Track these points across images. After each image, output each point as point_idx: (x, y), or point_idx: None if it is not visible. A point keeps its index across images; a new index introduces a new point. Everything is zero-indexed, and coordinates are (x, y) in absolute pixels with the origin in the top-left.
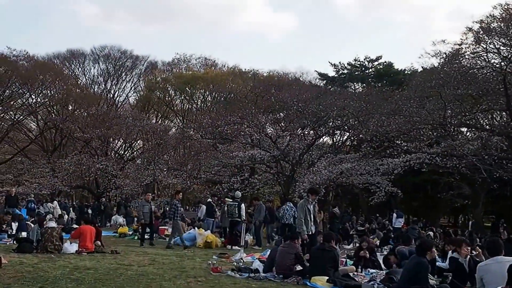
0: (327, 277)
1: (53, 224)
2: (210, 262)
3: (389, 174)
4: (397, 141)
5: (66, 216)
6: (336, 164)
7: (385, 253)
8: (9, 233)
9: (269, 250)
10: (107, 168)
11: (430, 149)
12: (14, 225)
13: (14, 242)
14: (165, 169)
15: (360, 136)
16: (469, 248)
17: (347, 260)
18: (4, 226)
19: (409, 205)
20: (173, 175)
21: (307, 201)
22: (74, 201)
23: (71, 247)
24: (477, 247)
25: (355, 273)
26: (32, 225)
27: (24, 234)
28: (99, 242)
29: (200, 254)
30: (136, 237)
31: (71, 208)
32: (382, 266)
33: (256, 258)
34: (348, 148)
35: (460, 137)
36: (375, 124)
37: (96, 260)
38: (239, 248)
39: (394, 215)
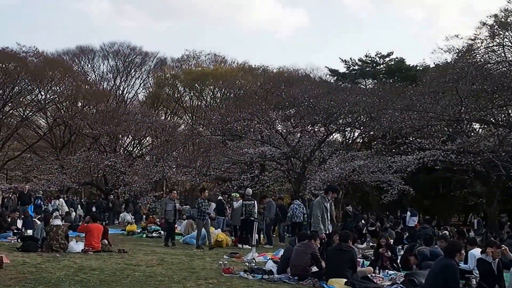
0: (345, 279)
1: (58, 222)
2: (221, 262)
3: (402, 171)
4: (410, 138)
5: (73, 213)
6: (348, 161)
7: (401, 253)
8: (14, 230)
9: (281, 250)
10: (115, 165)
11: (445, 146)
12: (20, 222)
13: (18, 240)
14: (174, 166)
15: (371, 133)
16: (499, 249)
17: (364, 260)
18: (6, 223)
19: (420, 204)
20: (182, 172)
21: (325, 198)
22: (83, 198)
23: (77, 245)
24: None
25: (373, 274)
26: (38, 223)
27: (30, 232)
28: (106, 241)
29: (210, 253)
30: (144, 235)
31: (79, 205)
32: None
33: (269, 258)
34: (359, 145)
35: (473, 134)
36: (388, 120)
37: (102, 259)
38: (250, 247)
39: (408, 213)
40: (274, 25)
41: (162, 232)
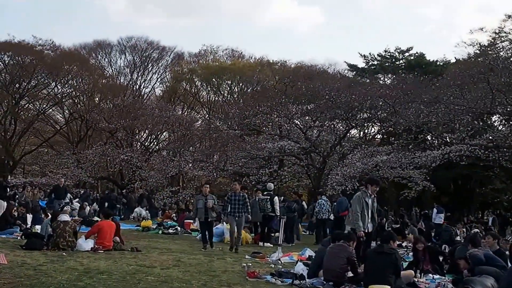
0: (388, 286)
1: (66, 217)
2: (245, 264)
3: (427, 167)
4: (435, 132)
5: (88, 208)
6: (370, 156)
7: None
8: (24, 226)
9: (307, 249)
10: (131, 160)
11: (472, 140)
12: (29, 218)
13: (23, 237)
14: (190, 161)
15: (390, 129)
16: None
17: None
18: (12, 218)
19: (438, 201)
20: (199, 167)
21: (365, 193)
22: (99, 192)
23: (86, 243)
24: None
25: (415, 279)
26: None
27: (38, 227)
28: (117, 238)
29: (230, 252)
30: (160, 231)
31: (92, 200)
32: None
33: (296, 259)
34: (379, 141)
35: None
36: (413, 113)
37: (112, 260)
38: (271, 245)
39: (434, 210)
40: (291, 23)
41: (179, 228)
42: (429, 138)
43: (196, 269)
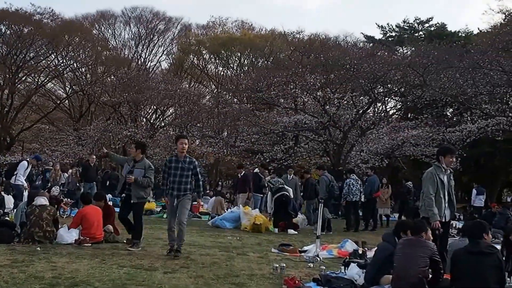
0: None
1: (43, 201)
2: (277, 265)
3: (463, 141)
4: (472, 104)
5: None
6: (397, 131)
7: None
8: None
9: (348, 241)
10: (135, 136)
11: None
12: (8, 199)
13: None
14: (198, 137)
15: (409, 104)
16: None
17: None
18: None
19: (459, 180)
20: (207, 143)
21: (439, 168)
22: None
23: (69, 234)
24: None
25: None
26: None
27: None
28: (111, 227)
29: (250, 243)
30: (165, 215)
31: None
32: None
33: (336, 254)
34: (398, 117)
35: None
36: (448, 82)
37: (100, 258)
38: (295, 232)
39: (474, 191)
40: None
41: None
42: (464, 111)
43: (212, 273)
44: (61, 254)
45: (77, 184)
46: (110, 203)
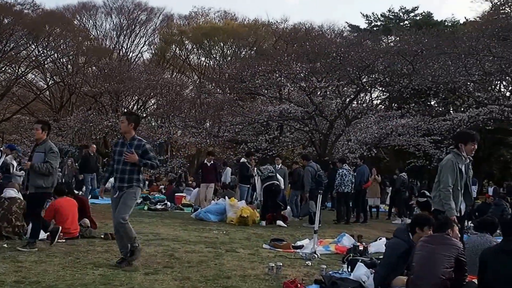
0: None
1: (12, 193)
2: (273, 265)
3: (453, 131)
4: (464, 92)
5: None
6: (387, 120)
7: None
8: None
9: (345, 236)
10: (116, 126)
11: (507, 101)
12: None
13: None
14: (180, 127)
15: (394, 94)
16: None
17: None
18: None
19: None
20: (190, 133)
21: (459, 156)
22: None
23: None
24: None
25: None
26: None
27: None
28: (87, 221)
29: (239, 238)
30: (146, 207)
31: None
32: None
33: (333, 250)
34: (382, 107)
35: None
36: (439, 70)
37: (73, 257)
38: (284, 225)
39: None
40: None
41: (168, 203)
42: (455, 100)
43: (200, 274)
44: (30, 252)
45: (74, 175)
46: None
